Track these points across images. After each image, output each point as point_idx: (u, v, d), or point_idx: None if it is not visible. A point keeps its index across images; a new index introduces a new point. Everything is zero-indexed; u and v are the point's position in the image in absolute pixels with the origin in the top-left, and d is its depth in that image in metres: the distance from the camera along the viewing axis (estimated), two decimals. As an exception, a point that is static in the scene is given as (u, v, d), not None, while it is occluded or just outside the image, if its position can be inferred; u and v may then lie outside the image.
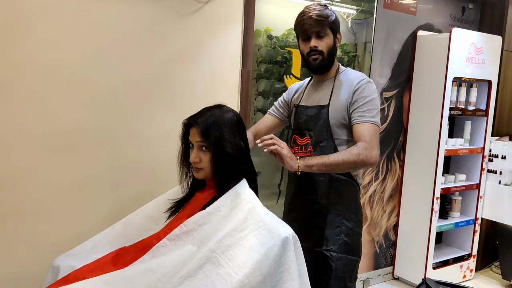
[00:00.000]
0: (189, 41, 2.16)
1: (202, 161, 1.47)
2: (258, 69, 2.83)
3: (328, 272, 1.81)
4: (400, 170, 3.47)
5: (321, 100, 1.88)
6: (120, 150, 2.03)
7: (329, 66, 1.88)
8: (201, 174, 1.50)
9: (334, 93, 1.85)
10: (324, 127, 1.83)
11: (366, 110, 1.77)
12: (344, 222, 1.83)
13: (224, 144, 1.43)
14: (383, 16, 3.16)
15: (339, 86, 1.86)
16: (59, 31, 1.82)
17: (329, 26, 1.82)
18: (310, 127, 1.87)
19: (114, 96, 1.98)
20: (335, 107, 1.82)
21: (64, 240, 1.84)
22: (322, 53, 1.83)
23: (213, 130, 1.43)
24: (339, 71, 1.91)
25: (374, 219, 3.39)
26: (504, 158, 3.48)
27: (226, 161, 1.44)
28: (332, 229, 1.83)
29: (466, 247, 3.64)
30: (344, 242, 1.82)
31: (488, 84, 3.46)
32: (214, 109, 1.49)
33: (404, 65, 3.35)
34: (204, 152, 1.46)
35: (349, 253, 1.84)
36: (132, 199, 2.03)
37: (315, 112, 1.86)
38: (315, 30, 1.81)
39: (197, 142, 1.46)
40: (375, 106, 1.80)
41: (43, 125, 1.83)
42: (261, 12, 2.69)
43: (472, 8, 3.73)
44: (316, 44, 1.82)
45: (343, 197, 1.85)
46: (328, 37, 1.83)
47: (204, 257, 1.26)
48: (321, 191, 1.84)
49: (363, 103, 1.78)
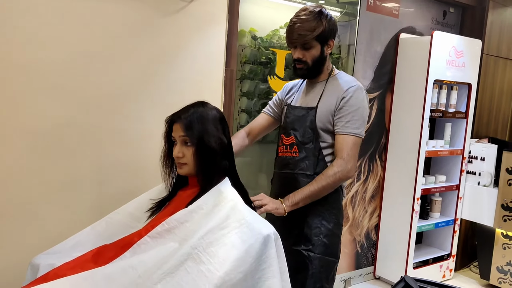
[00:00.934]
0: (173, 40, 2.16)
1: (185, 156, 1.47)
2: (242, 69, 2.84)
3: (305, 272, 1.81)
4: (382, 171, 3.51)
5: (310, 102, 1.88)
6: (104, 148, 2.01)
7: (315, 74, 1.88)
8: (185, 170, 1.50)
9: (323, 97, 1.85)
10: (310, 129, 1.83)
11: (350, 121, 1.77)
12: (323, 223, 1.84)
13: (208, 138, 1.44)
14: (366, 18, 3.20)
15: (330, 89, 1.85)
16: (44, 30, 1.81)
17: (315, 38, 1.78)
18: (296, 127, 1.87)
19: (99, 94, 1.97)
20: (322, 111, 1.82)
21: (44, 239, 1.82)
22: (307, 63, 1.83)
23: (196, 125, 1.44)
24: (332, 74, 1.90)
25: (356, 219, 3.42)
26: (483, 159, 3.55)
27: (209, 155, 1.45)
28: (311, 229, 1.83)
29: (445, 247, 3.70)
30: (322, 243, 1.83)
31: (468, 87, 3.53)
32: (197, 106, 1.50)
33: (386, 67, 3.39)
34: (187, 147, 1.46)
35: (327, 254, 1.84)
36: (115, 198, 2.02)
37: (303, 113, 1.86)
38: (299, 43, 1.79)
39: (180, 137, 1.47)
40: (359, 116, 1.79)
41: (26, 124, 1.81)
42: (245, 13, 2.70)
43: (453, 12, 3.80)
44: (300, 56, 1.82)
45: (325, 199, 1.83)
46: (314, 49, 1.80)
47: (185, 254, 1.26)
48: None
49: (348, 113, 1.78)
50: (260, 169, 3.14)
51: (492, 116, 3.92)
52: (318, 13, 1.79)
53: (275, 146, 2.00)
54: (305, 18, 1.77)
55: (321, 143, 1.83)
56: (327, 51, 1.85)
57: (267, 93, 2.92)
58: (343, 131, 1.77)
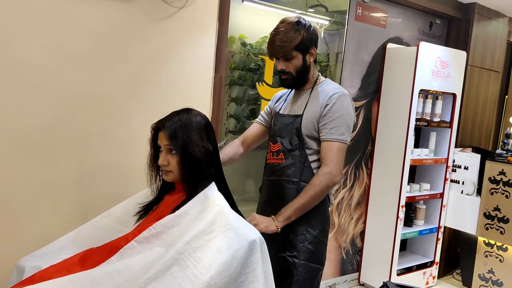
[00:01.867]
0: (163, 45, 2.18)
1: (170, 164, 1.48)
2: (231, 75, 2.87)
3: (289, 278, 1.81)
4: (368, 178, 3.56)
5: (297, 110, 1.91)
6: (90, 151, 2.02)
7: (300, 83, 1.91)
8: (170, 177, 1.51)
9: (309, 104, 1.87)
10: (296, 136, 1.85)
11: (334, 127, 1.79)
12: (309, 230, 1.84)
13: (192, 147, 1.45)
14: (354, 28, 3.25)
15: (315, 97, 1.88)
16: (30, 30, 1.81)
17: (295, 48, 1.81)
18: (283, 135, 1.90)
19: (85, 97, 1.98)
20: (308, 118, 1.84)
21: (30, 241, 1.82)
22: (290, 73, 1.86)
23: (181, 134, 1.45)
24: (318, 82, 1.93)
25: (341, 226, 3.46)
26: (467, 168, 3.61)
27: (193, 164, 1.46)
28: (296, 235, 1.83)
29: (429, 254, 3.75)
30: (307, 250, 1.83)
31: (452, 97, 3.59)
32: (182, 113, 1.51)
33: (373, 76, 3.44)
34: (172, 155, 1.48)
35: (312, 261, 1.85)
36: (101, 201, 2.02)
37: (290, 121, 1.89)
38: (280, 55, 1.83)
39: (165, 146, 1.48)
40: (343, 122, 1.80)
41: (10, 124, 1.81)
42: (235, 19, 2.73)
43: (439, 23, 3.87)
44: (283, 67, 1.85)
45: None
46: (295, 59, 1.83)
47: (171, 259, 1.28)
48: (288, 198, 1.84)
49: (332, 119, 1.80)
50: (248, 175, 3.16)
51: (476, 126, 4.00)
52: (296, 24, 1.81)
53: (264, 153, 2.02)
54: (283, 30, 1.80)
55: (307, 150, 1.85)
56: (309, 59, 1.87)
57: (256, 99, 2.95)
58: (327, 138, 1.79)
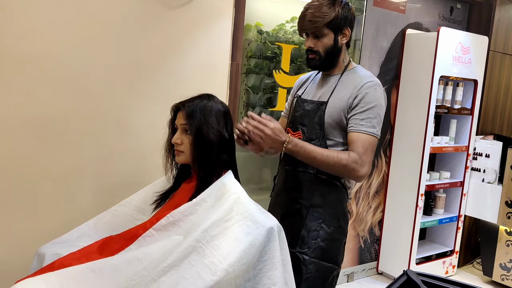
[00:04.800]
0: (179, 33, 2.17)
1: (183, 144, 1.48)
2: (248, 63, 2.85)
3: (299, 275, 1.67)
4: (386, 167, 3.51)
5: (322, 96, 1.75)
6: (107, 139, 2.03)
7: (328, 66, 1.76)
8: (181, 158, 1.51)
9: (336, 91, 1.72)
10: (319, 125, 1.71)
11: (366, 119, 1.64)
12: (323, 227, 1.71)
13: (207, 129, 1.45)
14: (372, 13, 3.19)
15: (344, 84, 1.72)
16: (46, 20, 1.82)
17: (326, 26, 1.67)
18: (305, 122, 1.75)
19: (102, 85, 1.99)
20: (334, 106, 1.69)
21: (50, 229, 1.84)
22: (319, 53, 1.71)
23: (198, 115, 1.46)
24: (349, 67, 1.77)
25: (359, 215, 3.43)
26: (488, 156, 3.54)
27: (206, 146, 1.46)
28: (309, 231, 1.71)
29: (449, 243, 3.71)
30: (319, 247, 1.70)
31: (474, 83, 3.51)
32: (204, 97, 1.52)
33: (392, 63, 3.39)
34: (187, 135, 1.48)
35: (324, 259, 1.71)
36: (118, 189, 2.04)
37: (313, 107, 1.75)
38: (310, 31, 1.69)
39: (181, 125, 1.49)
40: (376, 114, 1.65)
41: (29, 114, 1.83)
42: (251, 7, 2.70)
43: (460, 8, 3.78)
44: (311, 45, 1.71)
45: (327, 201, 1.72)
46: (326, 37, 1.69)
47: (189, 247, 1.28)
48: (304, 191, 1.73)
49: (364, 110, 1.64)
50: (265, 165, 3.14)
51: (497, 113, 3.91)
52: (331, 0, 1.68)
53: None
54: (317, 4, 1.67)
55: (328, 141, 1.71)
56: (341, 40, 1.72)
57: (272, 88, 2.93)
58: (357, 129, 1.64)
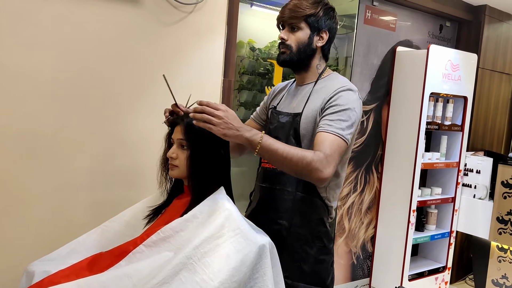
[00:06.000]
0: (172, 49, 2.18)
1: (178, 158, 1.48)
2: (240, 80, 2.87)
3: None
4: (378, 183, 3.52)
5: (297, 107, 1.65)
6: (99, 154, 2.02)
7: (298, 65, 1.65)
8: (175, 172, 1.50)
9: (310, 101, 1.61)
10: (294, 138, 1.60)
11: (335, 120, 1.49)
12: (305, 248, 1.60)
13: (204, 145, 1.45)
14: (363, 31, 3.23)
15: (318, 93, 1.61)
16: (40, 35, 1.83)
17: (304, 19, 1.58)
18: (279, 136, 1.63)
19: (95, 100, 1.99)
20: (307, 117, 1.59)
21: (40, 246, 1.82)
22: (290, 47, 1.61)
23: (196, 129, 1.45)
24: (323, 75, 1.66)
25: (352, 231, 3.42)
26: (479, 172, 3.57)
27: (202, 162, 1.46)
28: (289, 254, 1.60)
29: (441, 259, 3.70)
30: (301, 270, 1.60)
31: (464, 100, 3.55)
32: None
33: (383, 79, 3.42)
34: (183, 150, 1.48)
35: (310, 282, 1.61)
36: (110, 204, 2.02)
37: (287, 120, 1.65)
38: (287, 21, 1.60)
39: (178, 140, 1.48)
40: (347, 117, 1.50)
41: (19, 128, 1.82)
42: (244, 24, 2.73)
43: (450, 26, 3.84)
44: (285, 37, 1.61)
45: (308, 221, 1.61)
46: (301, 31, 1.59)
47: (180, 264, 1.27)
48: (283, 211, 1.62)
49: (334, 112, 1.50)
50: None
51: (487, 129, 3.95)
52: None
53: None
54: None
55: None
56: (317, 42, 1.62)
57: (265, 104, 2.94)
58: (325, 130, 1.48)
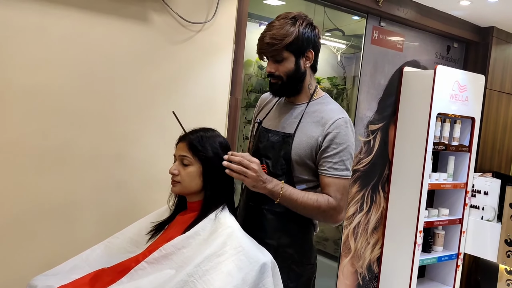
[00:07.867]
0: (179, 68, 2.21)
1: (180, 175, 1.50)
2: (248, 97, 2.89)
3: None
4: (385, 202, 3.50)
5: (287, 127, 1.61)
6: (105, 171, 2.04)
7: (292, 92, 1.62)
8: (177, 189, 1.53)
9: (302, 124, 1.58)
10: (285, 160, 1.57)
11: (339, 162, 1.52)
12: (293, 268, 1.59)
13: (208, 161, 1.48)
14: (370, 51, 3.25)
15: (310, 116, 1.59)
16: (49, 53, 1.86)
17: (286, 48, 1.51)
18: (269, 155, 1.60)
19: (102, 118, 2.01)
20: (301, 143, 1.56)
21: (43, 261, 1.83)
22: (281, 78, 1.57)
23: (200, 147, 1.48)
24: (315, 96, 1.63)
25: (357, 251, 3.39)
26: (487, 194, 3.53)
27: (207, 178, 1.48)
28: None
29: (448, 281, 3.64)
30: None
31: (471, 121, 3.54)
32: (205, 130, 1.55)
33: (390, 99, 3.43)
34: (184, 166, 1.50)
35: None
36: (115, 221, 2.03)
37: (278, 139, 1.60)
38: (268, 54, 1.55)
39: (180, 156, 1.51)
40: (348, 155, 1.54)
41: (28, 145, 1.84)
42: (252, 43, 2.76)
43: (457, 47, 3.86)
44: (272, 69, 1.57)
45: (295, 240, 1.60)
46: (286, 61, 1.54)
47: (181, 281, 1.27)
48: (270, 230, 1.60)
49: (336, 152, 1.52)
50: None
51: (495, 150, 3.92)
52: (292, 19, 1.52)
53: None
54: (277, 25, 1.52)
55: (294, 177, 1.57)
56: (305, 64, 1.57)
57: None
58: (331, 174, 1.53)
